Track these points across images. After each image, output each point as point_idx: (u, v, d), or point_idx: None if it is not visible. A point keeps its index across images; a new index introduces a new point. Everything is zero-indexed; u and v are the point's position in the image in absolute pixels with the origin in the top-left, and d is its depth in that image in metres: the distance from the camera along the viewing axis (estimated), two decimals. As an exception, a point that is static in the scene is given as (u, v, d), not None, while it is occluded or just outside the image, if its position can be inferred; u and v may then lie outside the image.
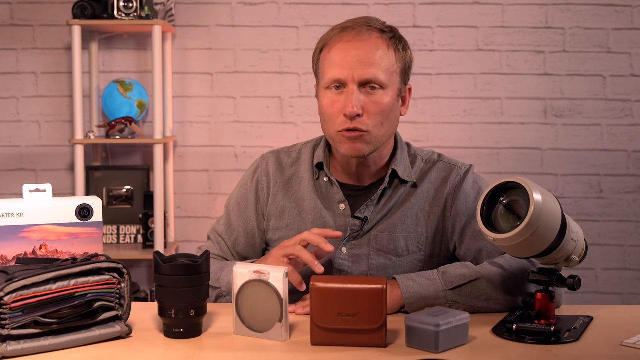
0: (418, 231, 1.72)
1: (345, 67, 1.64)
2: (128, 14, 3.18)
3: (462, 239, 1.71)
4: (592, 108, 3.47)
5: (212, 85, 3.49)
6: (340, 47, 1.65)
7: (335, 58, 1.65)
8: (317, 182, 1.78)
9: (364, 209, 1.72)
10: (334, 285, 1.36)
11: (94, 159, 3.47)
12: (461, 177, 1.75)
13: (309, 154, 1.81)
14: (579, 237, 1.46)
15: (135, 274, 3.50)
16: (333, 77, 1.65)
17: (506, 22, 3.45)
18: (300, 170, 1.80)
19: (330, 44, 1.67)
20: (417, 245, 1.72)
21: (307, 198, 1.76)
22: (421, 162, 1.79)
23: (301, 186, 1.78)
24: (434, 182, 1.75)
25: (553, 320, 1.44)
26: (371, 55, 1.65)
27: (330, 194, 1.76)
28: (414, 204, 1.73)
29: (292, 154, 1.84)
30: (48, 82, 3.47)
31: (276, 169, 1.82)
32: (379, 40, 1.67)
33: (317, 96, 1.74)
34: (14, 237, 1.49)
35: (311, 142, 1.85)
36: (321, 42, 1.71)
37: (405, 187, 1.74)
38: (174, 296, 1.39)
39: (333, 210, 1.74)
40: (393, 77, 1.68)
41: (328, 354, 1.34)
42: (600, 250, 3.50)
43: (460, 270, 1.59)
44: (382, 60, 1.66)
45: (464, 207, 1.72)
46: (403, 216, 1.72)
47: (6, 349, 1.28)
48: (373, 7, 3.44)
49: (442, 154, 1.82)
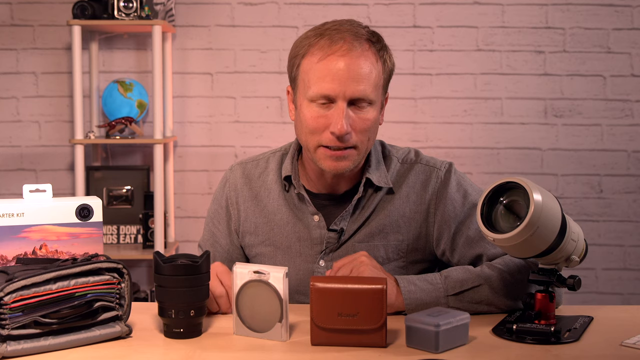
0: (398, 239, 1.67)
1: (335, 83, 1.55)
2: (128, 14, 3.18)
3: (454, 246, 1.67)
4: (592, 108, 3.48)
5: (212, 85, 3.49)
6: (331, 60, 1.56)
7: (324, 71, 1.56)
8: (288, 194, 1.71)
9: (339, 221, 1.67)
10: (334, 285, 1.36)
11: (94, 159, 3.47)
12: (442, 179, 1.69)
13: (276, 164, 1.75)
14: (579, 237, 1.46)
15: (135, 274, 3.50)
16: (321, 93, 1.56)
17: (506, 22, 3.45)
18: (268, 182, 1.74)
19: (316, 54, 1.58)
20: (398, 253, 1.68)
21: (278, 212, 1.71)
22: (397, 163, 1.71)
23: (270, 199, 1.72)
24: (412, 185, 1.69)
25: (553, 320, 1.44)
26: (362, 71, 1.56)
27: (302, 206, 1.69)
28: (393, 211, 1.67)
29: (259, 163, 1.77)
30: (48, 82, 3.47)
31: (244, 183, 1.76)
32: (368, 53, 1.58)
33: (293, 101, 1.66)
34: (14, 237, 1.49)
35: (279, 151, 1.77)
36: (302, 48, 1.61)
37: (381, 193, 1.68)
38: (174, 296, 1.39)
39: (307, 223, 1.69)
40: (379, 91, 1.62)
41: (328, 354, 1.34)
42: (600, 250, 3.50)
43: (463, 275, 1.56)
44: (371, 74, 1.58)
45: (452, 213, 1.67)
46: (381, 224, 1.67)
47: (6, 349, 1.28)
48: (373, 7, 3.44)
49: (419, 152, 1.74)
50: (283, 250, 1.71)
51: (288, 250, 1.70)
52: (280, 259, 1.71)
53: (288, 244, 1.70)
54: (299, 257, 1.70)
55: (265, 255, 1.73)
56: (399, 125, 3.42)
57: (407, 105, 3.43)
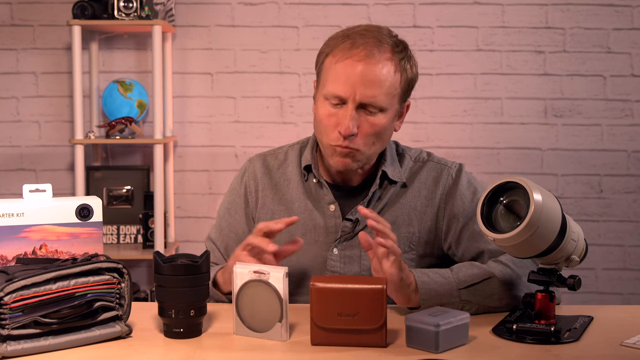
0: (410, 231, 1.72)
1: (347, 85, 1.61)
2: (128, 14, 3.18)
3: (460, 240, 1.71)
4: (592, 108, 3.47)
5: (212, 85, 3.49)
6: (348, 63, 1.61)
7: (339, 72, 1.62)
8: (306, 184, 1.77)
9: (355, 211, 1.71)
10: (334, 285, 1.36)
11: (94, 159, 3.47)
12: (453, 177, 1.75)
13: (295, 155, 1.80)
14: (579, 237, 1.46)
15: (135, 274, 3.50)
16: (334, 93, 1.62)
17: (506, 22, 3.45)
18: (287, 172, 1.79)
19: (337, 55, 1.63)
20: (409, 245, 1.71)
21: (297, 200, 1.76)
22: (410, 161, 1.78)
23: (289, 188, 1.78)
24: (424, 181, 1.75)
25: (553, 320, 1.44)
26: (376, 79, 1.61)
27: (319, 195, 1.75)
28: (405, 204, 1.73)
29: (278, 156, 1.83)
30: (48, 82, 3.47)
31: (264, 172, 1.80)
32: (388, 62, 1.63)
33: (314, 96, 1.73)
34: (14, 237, 1.49)
35: (297, 144, 1.84)
36: (328, 47, 1.67)
37: (395, 187, 1.74)
38: (174, 296, 1.39)
39: (323, 212, 1.74)
40: (394, 99, 1.66)
41: (328, 354, 1.34)
42: (600, 250, 3.50)
43: (472, 269, 1.60)
44: (386, 82, 1.62)
45: (461, 208, 1.72)
46: (394, 216, 1.71)
47: (6, 349, 1.28)
48: (373, 7, 3.44)
49: (431, 153, 1.81)
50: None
51: (303, 237, 1.71)
52: None
53: (304, 231, 1.73)
54: (314, 245, 1.73)
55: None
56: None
57: (407, 105, 3.42)
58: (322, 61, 1.68)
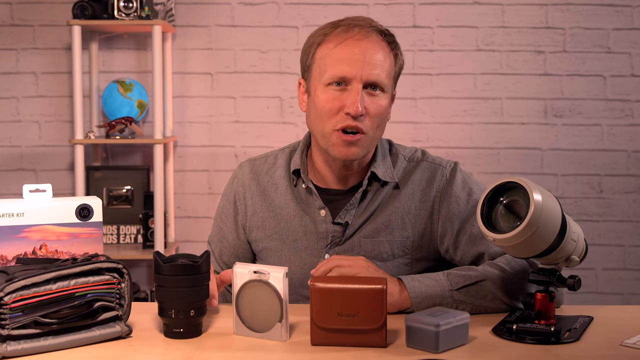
0: (404, 235, 1.69)
1: (352, 65, 1.60)
2: (128, 14, 3.18)
3: (457, 243, 1.68)
4: (592, 108, 3.47)
5: (212, 85, 3.49)
6: (348, 44, 1.61)
7: (341, 54, 1.61)
8: (295, 189, 1.74)
9: (344, 214, 1.69)
10: (334, 285, 1.36)
11: (94, 159, 3.47)
12: (447, 177, 1.71)
13: (284, 159, 1.78)
14: (579, 237, 1.46)
15: (135, 274, 3.50)
16: (338, 74, 1.60)
17: (506, 22, 3.45)
18: (275, 177, 1.77)
19: (334, 40, 1.63)
20: (403, 249, 1.69)
21: (285, 206, 1.73)
22: (404, 161, 1.74)
23: (277, 193, 1.75)
24: (418, 183, 1.71)
25: (553, 320, 1.44)
26: (377, 57, 1.62)
27: (309, 200, 1.72)
28: (398, 207, 1.69)
29: (268, 160, 1.80)
30: (48, 82, 3.47)
31: (251, 179, 1.78)
32: (382, 43, 1.65)
33: (306, 91, 1.69)
34: (14, 237, 1.49)
35: (288, 148, 1.81)
36: (318, 37, 1.65)
37: (387, 189, 1.70)
38: (174, 296, 1.39)
39: (314, 217, 1.71)
40: (391, 82, 1.67)
41: (328, 354, 1.34)
42: (600, 250, 3.50)
43: (465, 272, 1.58)
44: (385, 62, 1.64)
45: (457, 210, 1.68)
46: (387, 220, 1.68)
47: (6, 349, 1.28)
48: (373, 7, 3.44)
49: (425, 152, 1.77)
50: (289, 245, 1.72)
51: (294, 244, 1.71)
52: (287, 253, 1.72)
53: (294, 238, 1.72)
54: (305, 251, 1.71)
55: (272, 249, 1.74)
56: (399, 125, 3.42)
57: (407, 105, 3.43)
58: (312, 53, 1.66)
